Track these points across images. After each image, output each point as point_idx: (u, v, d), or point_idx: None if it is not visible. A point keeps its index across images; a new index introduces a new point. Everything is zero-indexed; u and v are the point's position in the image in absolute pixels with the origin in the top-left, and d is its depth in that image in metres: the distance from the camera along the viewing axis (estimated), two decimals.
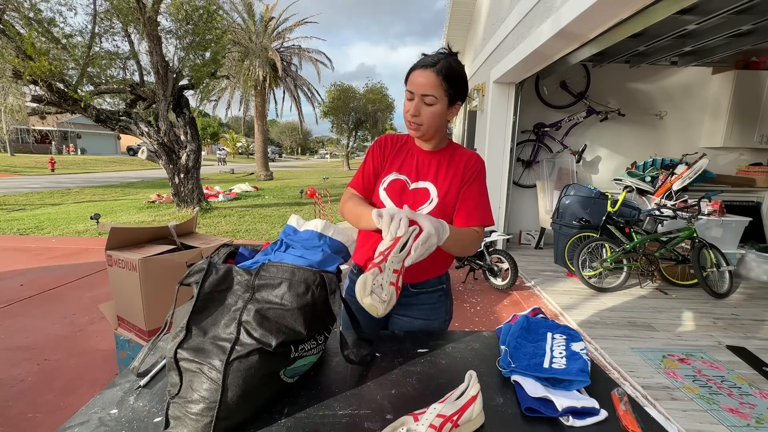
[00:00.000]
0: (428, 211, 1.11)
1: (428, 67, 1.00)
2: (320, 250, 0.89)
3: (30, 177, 16.15)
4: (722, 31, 3.14)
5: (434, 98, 1.01)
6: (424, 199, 1.12)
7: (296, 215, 0.95)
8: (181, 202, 7.65)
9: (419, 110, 1.04)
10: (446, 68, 1.00)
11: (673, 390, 2.13)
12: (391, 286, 0.81)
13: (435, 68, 1.00)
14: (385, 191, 1.14)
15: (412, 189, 1.13)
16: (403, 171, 1.14)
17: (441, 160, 1.13)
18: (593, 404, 0.77)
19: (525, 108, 4.97)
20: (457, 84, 1.03)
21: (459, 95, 1.06)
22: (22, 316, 2.95)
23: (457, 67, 1.03)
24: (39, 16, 6.08)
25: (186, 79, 7.59)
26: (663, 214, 3.77)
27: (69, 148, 30.15)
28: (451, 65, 1.02)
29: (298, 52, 17.91)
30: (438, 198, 1.10)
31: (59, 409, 1.92)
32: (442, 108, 1.04)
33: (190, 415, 0.67)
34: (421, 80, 1.01)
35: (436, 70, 1.00)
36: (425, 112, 1.03)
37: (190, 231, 2.01)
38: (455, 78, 1.02)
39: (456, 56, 1.06)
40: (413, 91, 1.03)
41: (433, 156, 1.14)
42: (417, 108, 1.03)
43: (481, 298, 3.53)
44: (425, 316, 1.20)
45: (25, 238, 5.62)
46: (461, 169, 1.11)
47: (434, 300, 1.21)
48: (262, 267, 0.77)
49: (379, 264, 0.82)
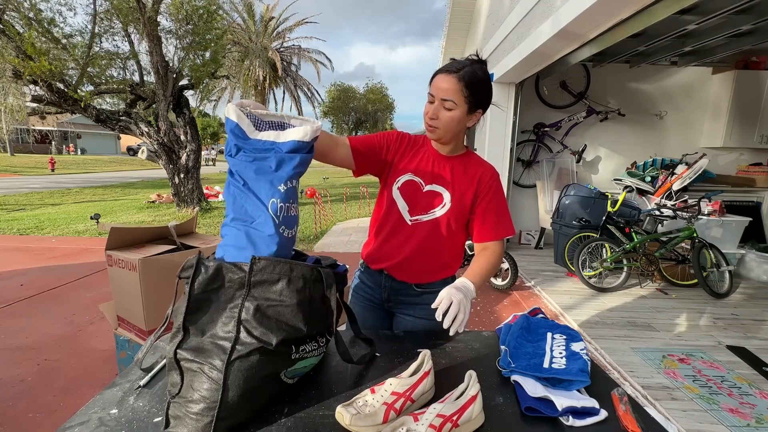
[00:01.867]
0: (441, 214, 1.12)
1: (451, 73, 1.01)
2: (272, 158, 0.84)
3: (30, 177, 16.15)
4: (722, 31, 3.14)
5: (453, 103, 1.02)
6: (438, 202, 1.12)
7: (233, 105, 0.83)
8: (181, 202, 7.65)
9: (438, 113, 1.04)
10: (469, 75, 1.01)
11: (673, 390, 2.13)
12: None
13: (458, 74, 1.00)
14: (399, 190, 1.14)
15: (426, 191, 1.13)
16: (418, 173, 1.14)
17: (456, 166, 1.14)
18: (593, 404, 0.77)
19: (525, 108, 4.97)
20: (479, 92, 1.03)
21: (480, 103, 1.06)
22: (22, 316, 2.95)
23: (482, 75, 1.03)
24: (39, 16, 6.09)
25: (186, 79, 7.59)
26: (663, 214, 3.77)
27: (69, 148, 30.15)
28: (475, 73, 1.02)
29: (297, 52, 17.93)
30: (451, 203, 1.11)
31: (59, 409, 1.92)
32: (461, 114, 1.04)
33: (190, 414, 0.67)
34: (443, 85, 1.02)
35: (459, 77, 1.00)
36: (443, 116, 1.04)
37: (190, 231, 2.01)
38: (477, 85, 1.02)
39: (484, 64, 1.05)
40: (434, 95, 1.04)
41: (448, 161, 1.14)
42: (436, 111, 1.04)
43: (481, 298, 3.53)
44: (429, 316, 1.20)
45: (25, 238, 5.62)
46: (476, 181, 1.12)
47: None
48: (255, 262, 0.74)
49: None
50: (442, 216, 1.12)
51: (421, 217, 1.13)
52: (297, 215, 0.88)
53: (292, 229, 0.85)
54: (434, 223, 1.12)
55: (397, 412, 0.72)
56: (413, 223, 1.14)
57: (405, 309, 1.22)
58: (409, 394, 0.75)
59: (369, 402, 0.74)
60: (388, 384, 0.77)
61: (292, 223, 0.85)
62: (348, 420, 0.69)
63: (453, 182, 1.12)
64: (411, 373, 0.81)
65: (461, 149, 1.17)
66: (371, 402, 0.73)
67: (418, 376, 0.79)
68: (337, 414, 0.72)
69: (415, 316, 1.21)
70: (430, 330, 1.19)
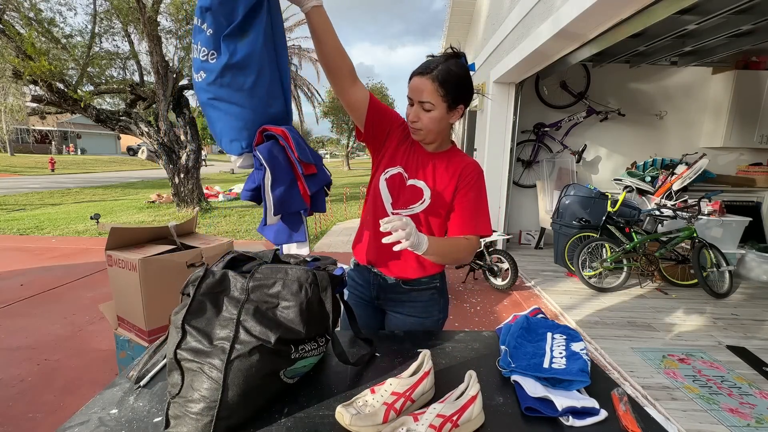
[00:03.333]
0: (420, 210, 1.12)
1: (424, 74, 1.01)
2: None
3: (30, 177, 16.15)
4: (722, 31, 3.14)
5: (431, 104, 1.02)
6: (418, 198, 1.12)
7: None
8: (181, 202, 7.65)
9: (418, 116, 1.05)
10: (443, 73, 0.99)
11: (673, 390, 2.13)
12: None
13: (431, 75, 1.00)
14: (385, 182, 1.15)
15: (408, 185, 1.13)
16: (406, 167, 1.14)
17: (438, 162, 1.13)
18: (593, 404, 0.77)
19: (525, 108, 4.97)
20: (456, 87, 1.02)
21: (460, 99, 1.05)
22: (22, 316, 2.95)
23: (457, 71, 1.01)
24: (39, 16, 6.09)
25: (186, 79, 7.59)
26: (663, 214, 3.77)
27: (69, 148, 30.15)
28: (450, 70, 1.00)
29: (297, 52, 17.91)
30: (430, 199, 1.11)
31: (59, 409, 1.92)
32: (441, 113, 1.03)
33: (190, 414, 0.67)
34: (418, 87, 1.02)
35: (432, 77, 1.00)
36: (424, 118, 1.04)
37: (190, 231, 2.01)
38: (453, 83, 1.01)
39: (460, 58, 1.04)
40: (412, 97, 1.05)
41: (431, 157, 1.14)
42: (416, 114, 1.05)
43: (481, 298, 3.53)
44: (417, 314, 1.21)
45: (25, 238, 5.62)
46: (457, 175, 1.11)
47: (426, 298, 1.21)
48: (256, 270, 0.79)
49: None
50: (421, 212, 1.12)
51: (401, 211, 1.13)
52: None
53: (198, 74, 1.08)
54: (414, 219, 1.11)
55: (397, 412, 0.72)
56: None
57: (394, 306, 1.23)
58: (409, 394, 0.75)
59: (369, 402, 0.74)
60: (388, 384, 0.77)
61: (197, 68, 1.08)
62: (348, 420, 0.69)
63: (434, 178, 1.12)
64: (411, 373, 0.81)
65: (447, 145, 1.16)
66: (371, 402, 0.74)
67: (418, 376, 0.79)
68: (337, 414, 0.72)
69: (405, 314, 1.21)
70: (430, 330, 1.19)
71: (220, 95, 1.07)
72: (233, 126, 1.11)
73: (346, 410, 0.71)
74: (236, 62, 1.02)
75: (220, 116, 1.11)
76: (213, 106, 1.09)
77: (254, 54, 1.04)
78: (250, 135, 1.13)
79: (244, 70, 1.04)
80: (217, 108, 1.09)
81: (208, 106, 1.10)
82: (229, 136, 1.13)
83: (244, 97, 1.07)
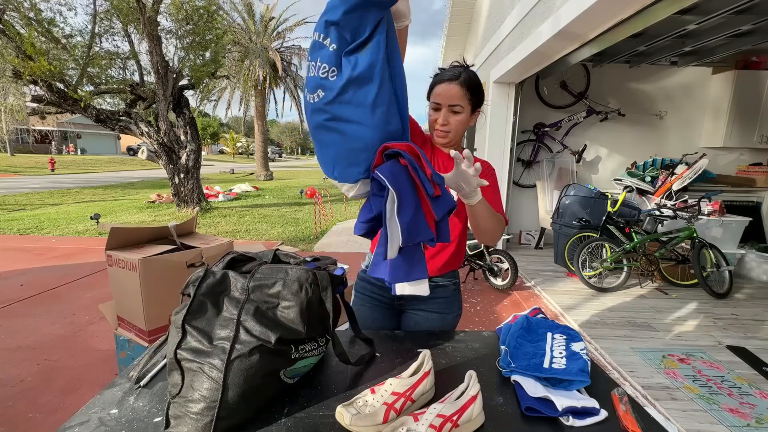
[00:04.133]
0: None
1: (453, 81, 1.11)
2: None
3: (30, 177, 16.15)
4: (722, 31, 3.14)
5: (461, 107, 1.12)
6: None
7: None
8: (181, 202, 7.65)
9: (448, 119, 1.14)
10: (468, 80, 1.12)
11: (673, 390, 2.13)
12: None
13: (459, 81, 1.11)
14: None
15: None
16: (435, 168, 1.15)
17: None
18: (593, 404, 0.77)
19: (525, 108, 4.97)
20: (477, 93, 1.14)
21: (479, 103, 1.17)
22: (22, 316, 2.95)
23: (476, 78, 1.15)
24: (39, 16, 6.09)
25: (186, 79, 7.59)
26: (663, 214, 3.77)
27: (69, 148, 30.15)
28: (471, 77, 1.14)
29: (298, 52, 17.90)
30: (456, 196, 1.12)
31: (59, 409, 1.92)
32: (467, 116, 1.15)
33: (190, 414, 0.67)
34: (449, 92, 1.11)
35: (460, 82, 1.11)
36: (453, 121, 1.14)
37: (190, 231, 2.01)
38: (475, 88, 1.14)
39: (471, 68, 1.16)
40: (440, 102, 1.13)
41: (451, 159, 1.17)
42: (446, 117, 1.14)
43: (481, 298, 3.53)
44: (441, 310, 1.23)
45: (25, 238, 5.62)
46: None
47: (449, 294, 1.24)
48: (257, 270, 0.79)
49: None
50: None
51: None
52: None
53: (314, 93, 0.96)
54: None
55: (397, 412, 0.72)
56: None
57: (417, 304, 1.23)
58: (409, 394, 0.75)
59: (369, 402, 0.74)
60: (389, 384, 0.77)
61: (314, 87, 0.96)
62: (348, 420, 0.69)
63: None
64: (411, 373, 0.81)
65: (460, 148, 1.21)
66: (371, 402, 0.74)
67: (419, 376, 0.79)
68: (337, 414, 0.72)
69: (427, 310, 1.23)
70: (431, 330, 1.19)
71: (340, 114, 0.95)
72: (351, 148, 0.98)
73: (346, 410, 0.71)
74: (358, 74, 0.91)
75: (335, 139, 0.98)
76: (329, 128, 0.97)
77: (376, 64, 0.92)
78: (369, 157, 0.98)
79: (366, 83, 0.93)
80: (333, 130, 0.97)
81: (322, 129, 0.98)
82: (346, 161, 1.00)
83: (366, 113, 0.94)
